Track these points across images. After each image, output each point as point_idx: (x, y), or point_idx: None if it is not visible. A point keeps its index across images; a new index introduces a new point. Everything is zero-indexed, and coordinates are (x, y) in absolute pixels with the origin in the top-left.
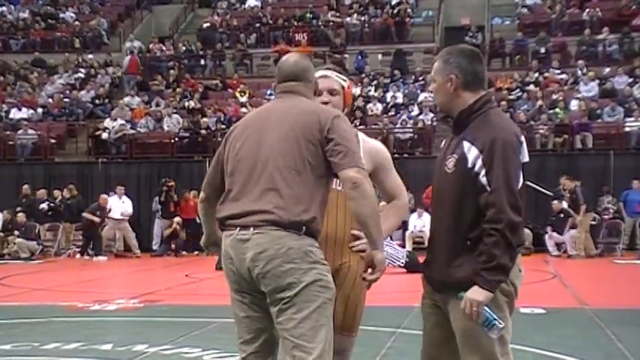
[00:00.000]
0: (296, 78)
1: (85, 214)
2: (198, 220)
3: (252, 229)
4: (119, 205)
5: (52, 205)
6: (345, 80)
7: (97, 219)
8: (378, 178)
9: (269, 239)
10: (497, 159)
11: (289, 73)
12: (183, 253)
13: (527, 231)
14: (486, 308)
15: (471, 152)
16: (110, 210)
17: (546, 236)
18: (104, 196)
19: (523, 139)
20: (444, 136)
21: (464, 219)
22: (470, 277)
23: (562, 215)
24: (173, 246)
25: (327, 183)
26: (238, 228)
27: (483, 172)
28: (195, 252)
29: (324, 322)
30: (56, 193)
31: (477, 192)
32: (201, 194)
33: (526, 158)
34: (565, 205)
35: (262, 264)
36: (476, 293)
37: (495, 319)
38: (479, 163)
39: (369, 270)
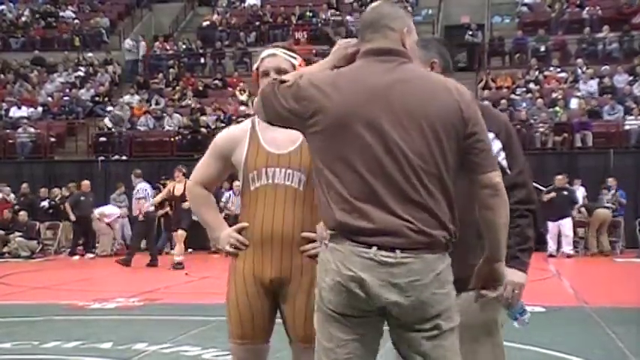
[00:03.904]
0: (393, 28)
1: (66, 206)
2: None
3: (398, 251)
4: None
5: (52, 203)
6: (295, 58)
7: (70, 214)
8: None
9: (423, 265)
10: (514, 141)
11: (383, 19)
12: None
13: None
14: None
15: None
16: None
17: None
18: (85, 182)
19: None
20: None
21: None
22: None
23: (565, 193)
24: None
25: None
26: (375, 247)
27: (503, 154)
28: (189, 250)
29: (458, 347)
30: (56, 191)
31: None
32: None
33: None
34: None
35: (416, 294)
36: (516, 275)
37: (525, 307)
38: (497, 145)
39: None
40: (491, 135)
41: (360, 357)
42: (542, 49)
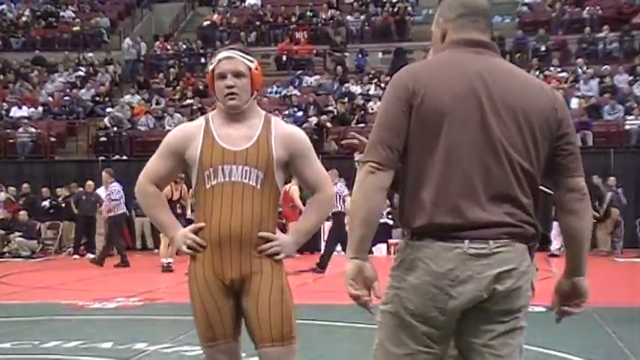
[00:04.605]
0: (488, 22)
1: (71, 201)
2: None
3: (491, 242)
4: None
5: (53, 203)
6: (252, 61)
7: (73, 208)
8: (295, 169)
9: (516, 254)
10: None
11: (483, 11)
12: None
13: None
14: None
15: None
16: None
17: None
18: (89, 182)
19: None
20: None
21: None
22: None
23: None
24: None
25: None
26: (467, 240)
27: None
28: None
29: (523, 349)
30: (59, 191)
31: None
32: (369, 167)
33: None
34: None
35: (512, 282)
36: None
37: None
38: None
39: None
40: None
41: None
42: (543, 48)
